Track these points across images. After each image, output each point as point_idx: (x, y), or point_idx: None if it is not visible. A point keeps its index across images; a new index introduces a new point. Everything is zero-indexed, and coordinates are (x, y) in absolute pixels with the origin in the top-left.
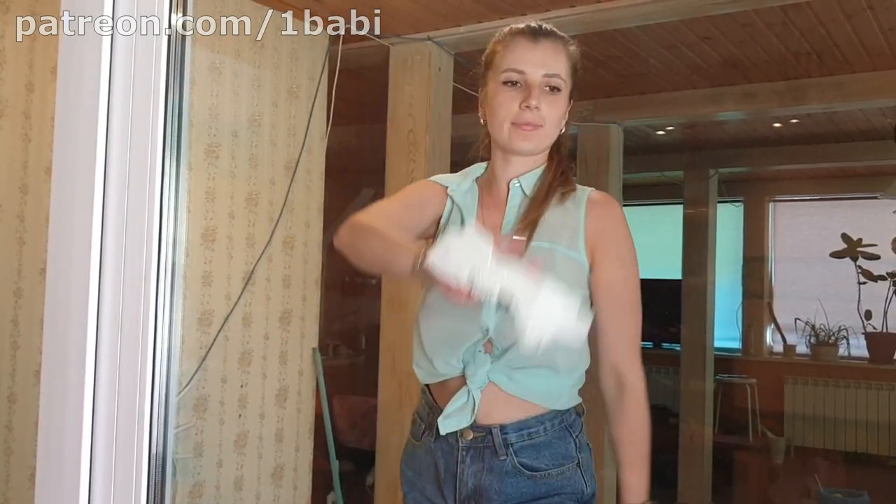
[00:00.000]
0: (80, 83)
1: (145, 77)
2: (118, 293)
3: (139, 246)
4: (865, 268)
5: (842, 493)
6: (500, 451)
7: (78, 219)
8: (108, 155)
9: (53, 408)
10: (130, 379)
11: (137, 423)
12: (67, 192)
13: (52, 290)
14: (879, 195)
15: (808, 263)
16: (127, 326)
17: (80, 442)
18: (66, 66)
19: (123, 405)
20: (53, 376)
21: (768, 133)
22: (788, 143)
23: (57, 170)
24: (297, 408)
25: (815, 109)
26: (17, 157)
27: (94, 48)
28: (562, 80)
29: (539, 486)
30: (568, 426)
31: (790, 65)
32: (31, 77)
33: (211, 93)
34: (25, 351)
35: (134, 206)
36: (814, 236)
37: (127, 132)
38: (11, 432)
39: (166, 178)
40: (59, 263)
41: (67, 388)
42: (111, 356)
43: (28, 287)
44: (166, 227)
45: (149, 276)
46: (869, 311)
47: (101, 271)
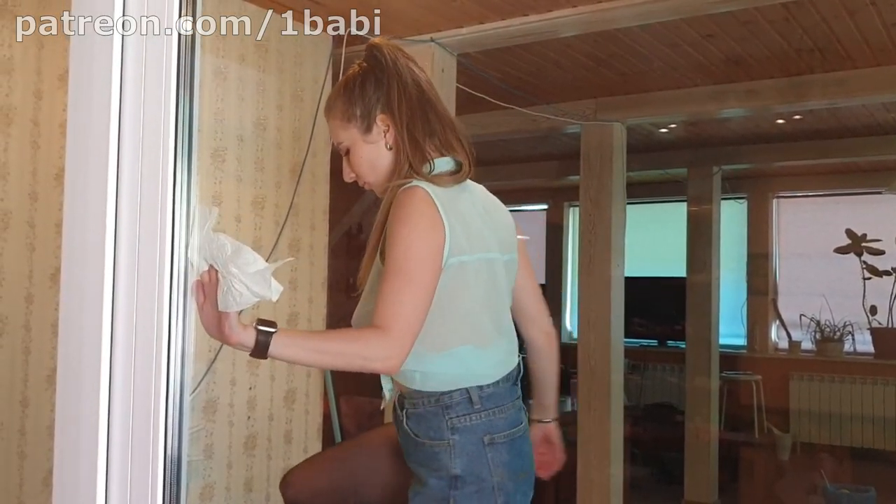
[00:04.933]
0: (90, 90)
1: (156, 82)
2: (132, 298)
3: (152, 251)
4: (870, 263)
5: (848, 489)
6: (399, 413)
7: (91, 226)
8: (121, 160)
9: (69, 412)
10: (145, 382)
11: (152, 425)
12: (80, 199)
13: (66, 297)
14: (883, 190)
15: (812, 259)
16: (141, 330)
17: (97, 445)
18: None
19: (138, 408)
20: (69, 381)
21: (771, 130)
22: (791, 140)
23: (69, 177)
24: (305, 409)
25: (818, 105)
26: (26, 165)
27: (105, 54)
28: (347, 143)
29: (420, 451)
30: (444, 407)
31: (792, 61)
32: (39, 84)
33: (216, 97)
34: (37, 356)
35: (147, 211)
36: (818, 232)
37: (139, 137)
38: (24, 436)
39: (178, 183)
40: (73, 270)
41: (83, 392)
42: (126, 360)
43: (39, 293)
44: (178, 232)
45: (161, 281)
46: (874, 307)
47: (115, 276)
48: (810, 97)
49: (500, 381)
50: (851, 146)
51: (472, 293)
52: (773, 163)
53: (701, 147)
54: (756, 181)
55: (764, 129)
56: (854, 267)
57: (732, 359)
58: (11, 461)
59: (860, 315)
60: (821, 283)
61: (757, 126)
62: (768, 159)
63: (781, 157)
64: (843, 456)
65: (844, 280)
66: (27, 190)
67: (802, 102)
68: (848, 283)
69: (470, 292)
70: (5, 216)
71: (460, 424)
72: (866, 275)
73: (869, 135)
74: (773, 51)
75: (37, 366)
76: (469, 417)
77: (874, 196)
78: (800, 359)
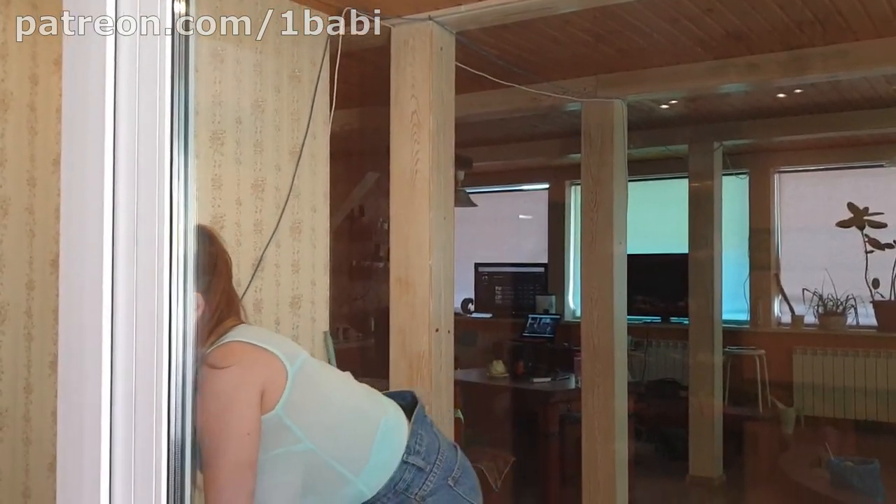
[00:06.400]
0: (85, 75)
1: (150, 67)
2: (132, 284)
3: (151, 236)
4: (872, 236)
5: (852, 461)
6: None
7: (89, 213)
8: (117, 148)
9: (71, 398)
10: (147, 367)
11: (155, 409)
12: (77, 187)
13: (65, 284)
14: (885, 163)
15: (814, 233)
16: (141, 315)
17: (100, 430)
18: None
19: (141, 393)
20: (70, 367)
21: (772, 104)
22: (793, 114)
23: (66, 165)
24: None
25: (819, 79)
26: (24, 151)
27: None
28: None
29: None
30: (403, 491)
31: (793, 34)
32: (34, 69)
33: (214, 80)
34: (39, 342)
35: (144, 197)
36: (820, 206)
37: (134, 123)
38: (29, 423)
39: (175, 168)
40: (72, 257)
41: (84, 377)
42: (127, 345)
43: (40, 279)
44: (177, 217)
45: (161, 266)
46: (876, 280)
47: (114, 263)
48: (811, 70)
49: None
50: (853, 119)
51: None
52: (774, 137)
53: (702, 123)
54: (757, 156)
55: (765, 104)
56: (856, 240)
57: (735, 334)
58: (17, 447)
59: (862, 288)
60: (823, 257)
61: (758, 101)
62: (769, 134)
63: (782, 131)
64: (846, 429)
65: (846, 254)
66: (25, 176)
67: (803, 76)
68: (850, 257)
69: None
70: (4, 202)
71: (424, 491)
72: (868, 248)
73: (870, 108)
74: (773, 24)
75: (40, 352)
76: (426, 482)
77: (876, 169)
78: (803, 333)
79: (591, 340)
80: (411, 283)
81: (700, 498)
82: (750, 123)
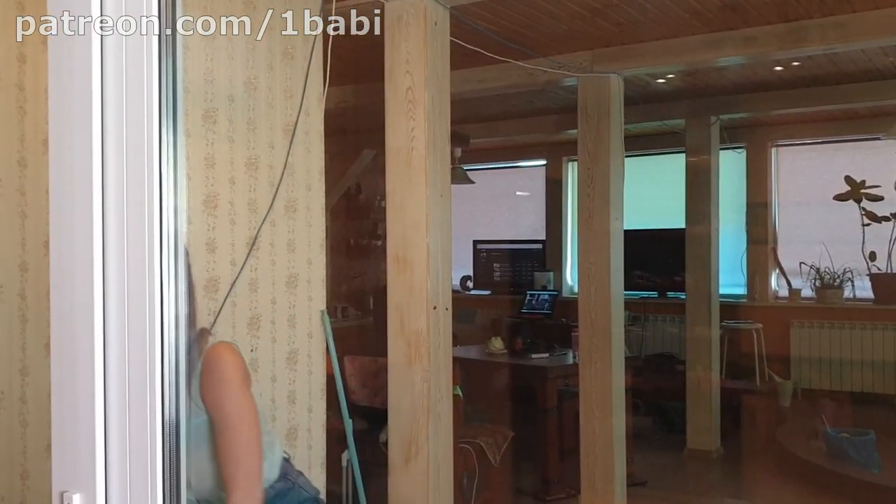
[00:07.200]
0: (71, 55)
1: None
2: (122, 265)
3: (140, 217)
4: (869, 209)
5: (848, 432)
6: None
7: (78, 195)
8: (105, 127)
9: (65, 380)
10: (139, 348)
11: (149, 391)
12: (66, 168)
13: (56, 265)
14: (882, 136)
15: (811, 207)
16: (133, 295)
17: (94, 412)
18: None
19: (134, 374)
20: (63, 348)
21: (769, 77)
22: (790, 87)
23: (54, 146)
24: (309, 370)
25: (817, 51)
26: (13, 131)
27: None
28: None
29: None
30: None
31: (790, 6)
32: (22, 48)
33: (206, 57)
34: (34, 324)
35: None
36: (817, 180)
37: (122, 104)
38: (25, 404)
39: (164, 148)
40: (62, 239)
41: (78, 359)
42: (119, 326)
43: (33, 261)
44: (167, 196)
45: (152, 245)
46: (873, 253)
47: (105, 244)
48: (809, 42)
49: None
50: (850, 92)
51: None
52: (771, 111)
53: (698, 97)
54: (754, 130)
55: (762, 77)
56: (853, 213)
57: (733, 308)
58: (14, 429)
59: (859, 261)
60: (820, 230)
61: (755, 74)
62: (766, 107)
63: (779, 104)
64: (843, 401)
65: (843, 227)
66: (16, 157)
67: (800, 48)
68: (847, 230)
69: None
70: None
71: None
72: (865, 221)
73: (867, 80)
74: None
75: (35, 334)
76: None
77: (873, 142)
78: (800, 306)
79: (588, 316)
80: (409, 261)
81: (698, 471)
82: (747, 97)
